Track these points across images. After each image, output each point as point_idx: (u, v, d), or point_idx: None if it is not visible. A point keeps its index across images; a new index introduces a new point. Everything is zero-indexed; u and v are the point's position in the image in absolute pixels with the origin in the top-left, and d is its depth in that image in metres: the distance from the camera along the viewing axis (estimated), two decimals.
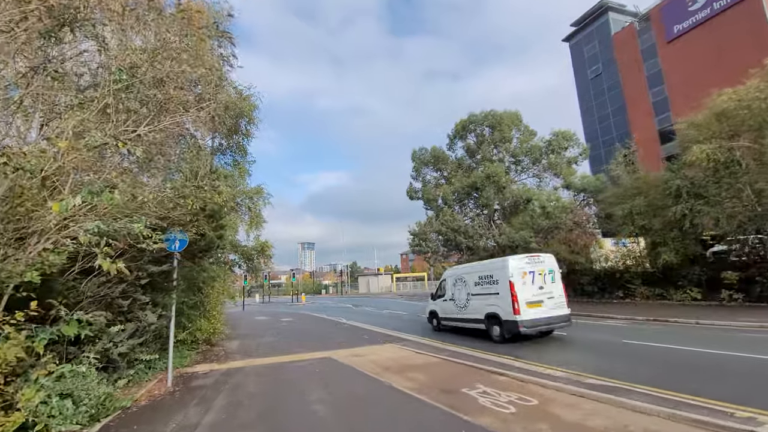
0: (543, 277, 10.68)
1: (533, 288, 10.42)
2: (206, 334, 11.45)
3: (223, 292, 12.40)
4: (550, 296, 10.55)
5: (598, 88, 40.25)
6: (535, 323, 10.05)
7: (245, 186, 13.57)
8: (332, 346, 11.24)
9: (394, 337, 12.86)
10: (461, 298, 12.37)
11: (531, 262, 10.83)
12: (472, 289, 11.88)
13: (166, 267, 6.73)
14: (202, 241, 7.75)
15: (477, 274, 11.90)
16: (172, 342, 7.32)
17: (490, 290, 11.11)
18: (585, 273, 23.61)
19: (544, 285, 10.58)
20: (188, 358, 9.50)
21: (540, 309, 10.23)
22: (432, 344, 11.05)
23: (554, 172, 31.01)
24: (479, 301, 11.53)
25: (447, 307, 13.19)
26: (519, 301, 10.06)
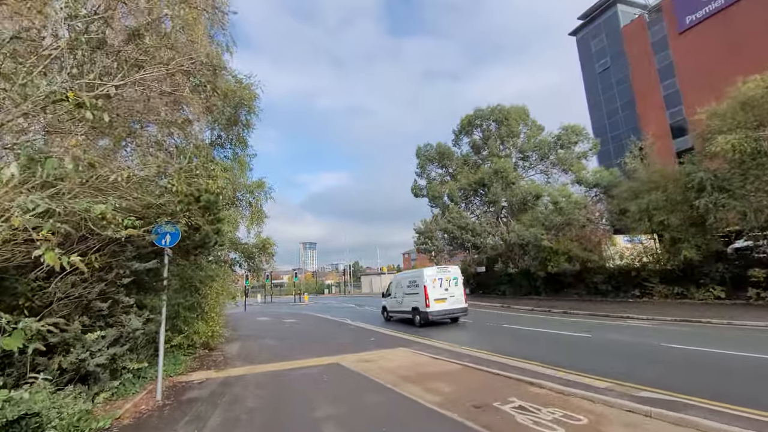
0: (448, 282, 14.95)
1: (440, 290, 14.71)
2: (204, 337, 10.63)
3: (222, 293, 11.58)
4: (452, 295, 14.88)
5: (607, 83, 39.29)
6: (440, 313, 14.53)
7: (246, 180, 12.74)
8: (339, 350, 10.41)
9: (404, 339, 12.02)
10: (399, 296, 16.76)
11: (440, 272, 15.13)
12: (405, 290, 16.24)
13: (152, 264, 5.88)
14: (196, 235, 6.94)
15: (407, 280, 16.29)
16: (162, 349, 6.49)
17: (415, 291, 15.37)
18: (598, 271, 22.74)
19: (448, 288, 14.88)
20: (183, 364, 8.67)
21: (444, 304, 14.62)
22: (448, 348, 10.21)
23: (563, 168, 30.13)
24: (408, 298, 15.79)
25: (391, 303, 17.74)
26: (429, 299, 14.38)
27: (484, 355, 9.09)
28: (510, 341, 11.13)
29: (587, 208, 21.29)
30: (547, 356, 8.53)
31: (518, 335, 12.09)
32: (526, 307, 21.01)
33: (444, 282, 14.84)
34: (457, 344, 10.72)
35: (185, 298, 10.04)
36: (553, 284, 25.38)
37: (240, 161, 12.40)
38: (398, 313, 16.96)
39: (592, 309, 18.22)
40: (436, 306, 14.40)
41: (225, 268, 12.36)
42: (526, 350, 9.39)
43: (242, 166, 12.59)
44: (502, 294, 29.00)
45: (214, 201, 6.90)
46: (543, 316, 17.63)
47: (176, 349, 10.04)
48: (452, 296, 14.83)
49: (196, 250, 7.40)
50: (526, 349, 9.51)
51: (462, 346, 10.32)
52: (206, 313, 10.86)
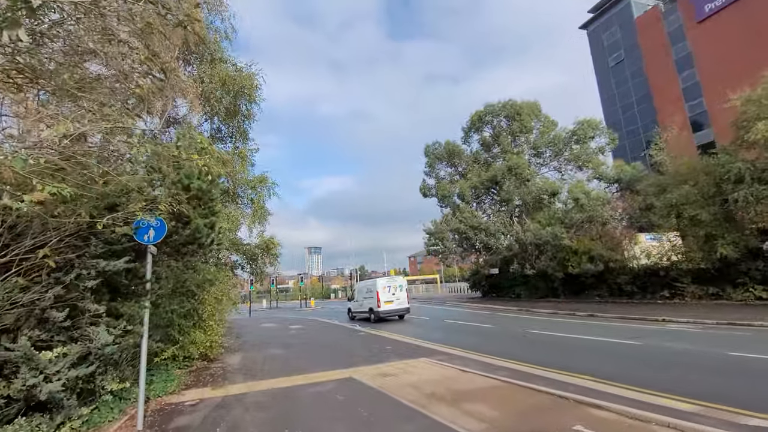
0: (395, 289, 19.22)
1: (389, 294, 18.89)
2: (202, 348, 9.53)
3: (222, 298, 10.48)
4: (398, 299, 19.09)
5: (620, 76, 37.98)
6: (388, 312, 18.78)
7: (247, 175, 11.68)
8: (353, 362, 9.26)
9: (424, 348, 10.83)
10: (360, 300, 20.75)
11: (389, 281, 19.61)
12: (364, 295, 20.32)
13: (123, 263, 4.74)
14: (185, 230, 5.86)
15: (366, 288, 20.51)
16: (145, 366, 5.38)
17: (371, 296, 19.35)
18: (622, 271, 21.41)
19: (395, 293, 19.08)
20: (176, 380, 7.56)
21: (391, 305, 18.83)
22: (476, 358, 9.02)
23: (578, 164, 28.85)
24: (366, 301, 19.79)
25: (355, 305, 21.74)
26: (381, 301, 18.59)
27: (520, 366, 7.90)
28: (544, 350, 9.91)
29: (611, 204, 19.99)
30: (596, 368, 7.32)
31: (551, 343, 10.86)
32: (546, 311, 19.73)
33: (392, 288, 19.28)
34: (485, 354, 9.52)
35: (180, 304, 8.95)
36: (572, 286, 24.06)
37: (241, 154, 11.35)
38: (359, 312, 20.89)
39: (619, 311, 16.94)
40: (385, 306, 18.87)
41: (225, 272, 11.29)
42: (568, 361, 8.18)
43: (243, 161, 11.54)
44: (516, 296, 27.70)
45: (207, 189, 5.84)
46: (568, 320, 16.36)
47: (170, 361, 8.95)
48: (398, 299, 19.22)
49: (186, 248, 6.33)
50: (566, 360, 8.31)
51: (492, 356, 9.12)
52: (204, 321, 9.76)
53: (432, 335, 13.52)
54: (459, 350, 10.27)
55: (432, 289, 55.52)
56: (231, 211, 10.82)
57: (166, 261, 6.82)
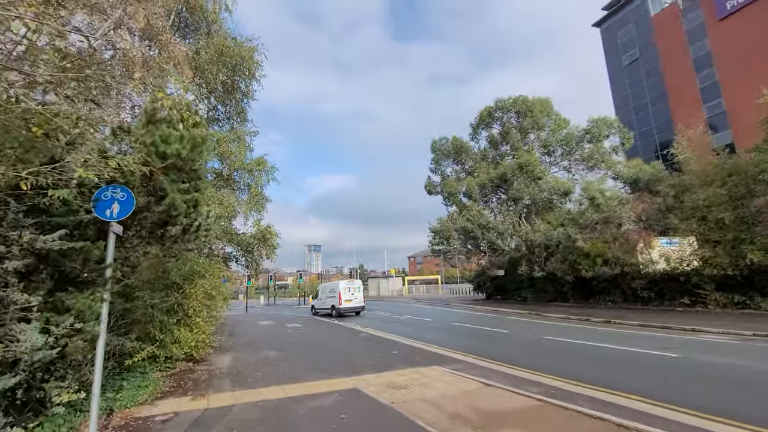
0: (354, 290, 22.72)
1: (348, 294, 22.24)
2: (187, 348, 8.47)
3: (213, 293, 9.40)
4: (356, 298, 22.51)
5: (635, 76, 36.81)
6: (347, 309, 21.82)
7: (244, 158, 10.59)
8: (356, 368, 8.20)
9: (435, 354, 9.76)
10: (323, 298, 23.94)
11: (349, 284, 23.10)
12: (327, 294, 23.68)
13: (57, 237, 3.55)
14: (158, 206, 4.79)
15: (329, 288, 24.18)
16: (99, 375, 4.30)
17: (333, 295, 22.67)
18: (638, 276, 20.32)
19: (354, 293, 22.52)
20: (151, 387, 6.49)
21: (350, 303, 22.03)
22: (497, 369, 7.94)
23: (590, 164, 27.76)
24: (329, 300, 22.95)
25: (318, 303, 24.82)
26: (342, 299, 21.76)
27: (552, 380, 6.82)
28: (570, 360, 8.82)
29: (630, 204, 18.87)
30: (642, 386, 6.25)
31: (576, 352, 9.77)
32: (557, 315, 18.65)
33: (351, 289, 22.82)
34: (504, 363, 8.45)
35: (162, 298, 7.89)
36: (582, 290, 22.97)
37: (237, 135, 10.28)
38: (322, 309, 24.13)
39: (638, 318, 15.88)
40: (345, 304, 22.04)
41: (217, 264, 10.23)
42: (604, 375, 7.11)
43: (240, 143, 10.46)
44: (522, 300, 26.60)
45: (189, 158, 4.78)
46: (584, 326, 15.30)
47: (149, 363, 7.89)
48: (356, 298, 22.68)
49: (164, 231, 5.25)
50: (602, 373, 7.23)
51: (513, 366, 8.05)
52: (191, 318, 8.69)
53: (440, 339, 12.45)
54: (474, 357, 9.20)
55: (433, 290, 54.40)
56: (224, 196, 9.75)
57: (141, 246, 5.75)
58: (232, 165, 10.02)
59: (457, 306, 27.19)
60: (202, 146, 5.00)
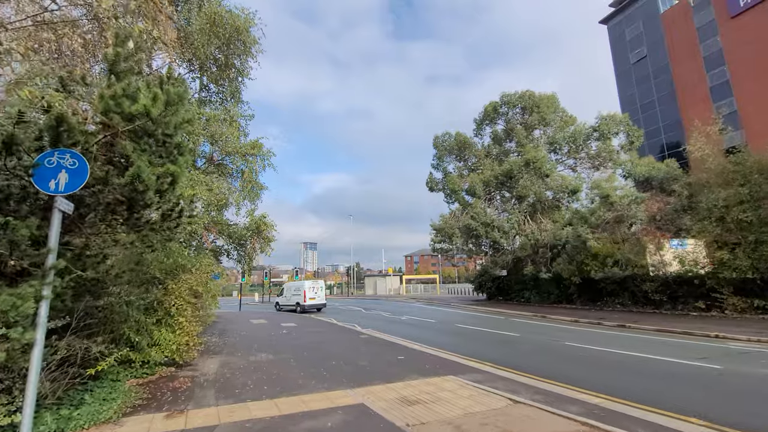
0: (317, 288, 25.59)
1: (312, 292, 25.04)
2: (168, 352, 7.45)
3: (200, 289, 8.37)
4: (319, 296, 25.32)
5: (642, 74, 36.01)
6: (311, 306, 24.64)
7: (237, 141, 9.55)
8: (360, 377, 7.23)
9: (446, 360, 8.81)
10: (289, 296, 26.79)
11: (313, 283, 25.98)
12: (293, 292, 26.48)
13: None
14: (120, 178, 3.79)
15: (294, 287, 26.93)
16: (33, 394, 3.29)
17: (298, 293, 25.52)
18: (648, 278, 19.53)
19: (317, 292, 25.38)
20: (119, 399, 5.47)
21: (314, 300, 24.86)
22: (521, 380, 6.99)
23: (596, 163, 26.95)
24: (294, 297, 25.85)
25: (283, 300, 27.44)
26: (306, 297, 24.57)
27: (590, 397, 5.88)
28: (601, 371, 7.89)
29: (646, 203, 18.00)
30: (700, 406, 5.33)
31: (602, 360, 8.85)
32: (566, 318, 17.80)
33: (315, 288, 25.58)
34: (526, 373, 7.52)
35: (139, 295, 6.88)
36: (589, 292, 22.14)
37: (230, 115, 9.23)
38: (286, 305, 26.76)
39: (653, 323, 15.06)
40: (309, 301, 24.65)
41: (206, 257, 9.20)
42: (646, 390, 6.19)
43: (233, 124, 9.42)
44: (526, 301, 25.75)
45: (162, 119, 3.75)
46: (599, 330, 14.47)
47: (124, 369, 6.88)
48: (318, 297, 25.39)
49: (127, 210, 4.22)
50: (644, 388, 6.31)
51: (541, 378, 7.11)
52: (173, 318, 7.67)
53: (448, 343, 11.50)
54: (491, 366, 8.26)
55: (431, 290, 53.56)
56: (213, 182, 8.72)
57: (108, 232, 4.74)
58: (224, 148, 8.99)
59: (459, 306, 26.29)
60: (179, 106, 3.99)
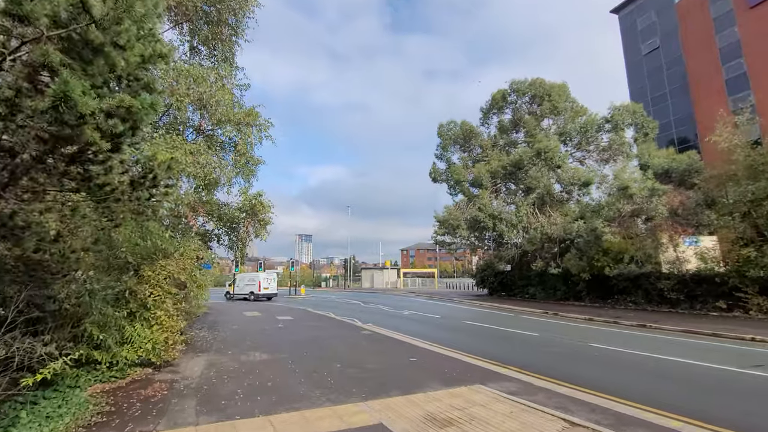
0: (270, 279, 28.33)
1: (266, 283, 27.68)
2: (143, 351, 6.24)
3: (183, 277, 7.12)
4: (272, 286, 28.12)
5: (654, 65, 34.81)
6: (263, 295, 27.42)
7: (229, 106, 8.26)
8: (371, 384, 6.09)
9: (466, 365, 7.68)
10: (242, 286, 28.26)
11: (267, 275, 28.99)
12: (246, 282, 28.35)
13: None
14: (38, 98, 2.60)
15: (248, 278, 28.85)
16: None
17: (252, 283, 27.85)
18: (664, 276, 18.58)
19: (270, 282, 28.00)
20: (70, 414, 4.27)
21: (267, 290, 27.61)
22: (561, 390, 5.87)
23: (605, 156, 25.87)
24: (248, 287, 27.91)
25: (237, 290, 28.36)
26: (261, 287, 27.23)
27: (659, 418, 4.77)
28: (652, 381, 6.79)
29: (668, 195, 16.93)
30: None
31: (643, 367, 7.77)
32: (579, 316, 16.81)
33: (269, 279, 28.14)
34: (569, 383, 6.41)
35: (107, 283, 5.66)
36: (600, 289, 21.20)
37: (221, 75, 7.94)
38: (239, 294, 28.20)
39: (675, 323, 14.12)
40: (263, 291, 27.30)
41: (193, 242, 7.97)
42: (724, 405, 5.10)
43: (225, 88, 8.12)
44: (530, 297, 24.78)
45: (112, 26, 2.55)
46: (618, 329, 13.53)
47: (87, 371, 5.69)
48: (271, 287, 27.92)
49: (62, 161, 3.01)
50: (720, 404, 5.23)
51: (586, 390, 6.00)
52: (149, 311, 6.45)
53: (460, 342, 10.39)
54: (517, 371, 7.16)
55: (429, 284, 52.63)
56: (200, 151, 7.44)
57: (59, 198, 3.49)
58: (214, 114, 7.70)
59: (461, 302, 25.28)
60: (141, 14, 2.77)
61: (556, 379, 6.64)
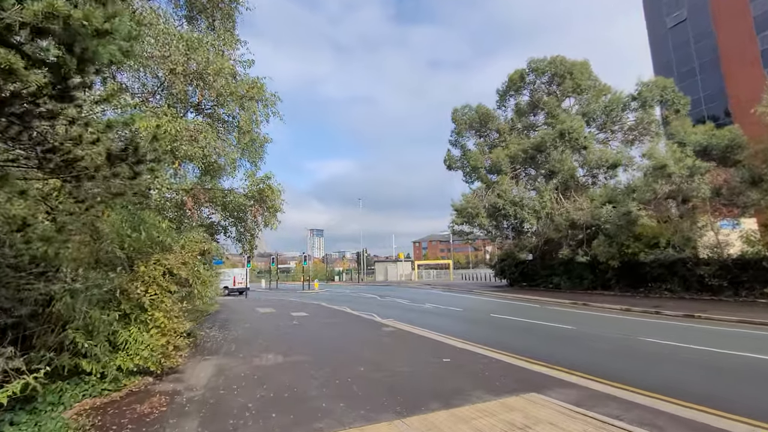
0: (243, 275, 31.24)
1: (239, 278, 31.39)
2: (139, 359, 5.41)
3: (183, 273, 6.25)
4: (244, 281, 30.93)
5: (681, 39, 32.72)
6: (236, 289, 30.92)
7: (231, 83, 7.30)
8: (405, 394, 5.16)
9: (509, 366, 6.69)
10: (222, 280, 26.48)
11: (240, 271, 32.01)
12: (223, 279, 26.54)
13: None
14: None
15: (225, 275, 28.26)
16: None
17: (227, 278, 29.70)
18: (703, 262, 17.24)
19: (243, 277, 31.11)
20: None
21: (241, 284, 30.88)
22: (637, 399, 4.85)
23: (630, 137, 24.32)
24: (223, 282, 27.23)
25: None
26: (236, 282, 31.23)
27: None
28: (740, 383, 5.73)
29: (711, 173, 15.49)
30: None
31: (720, 366, 6.66)
32: (613, 306, 15.63)
33: (242, 275, 30.99)
34: (638, 389, 5.39)
35: (94, 281, 4.82)
36: (629, 277, 19.93)
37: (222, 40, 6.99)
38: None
39: (723, 311, 12.92)
40: (238, 285, 30.47)
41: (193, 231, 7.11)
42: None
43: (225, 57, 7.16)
44: (554, 287, 23.57)
45: None
46: (665, 321, 12.40)
47: (75, 384, 4.88)
48: (244, 282, 30.53)
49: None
50: None
51: (668, 398, 4.97)
52: (147, 312, 5.61)
53: (492, 338, 9.38)
54: (568, 373, 6.16)
55: (443, 276, 51.59)
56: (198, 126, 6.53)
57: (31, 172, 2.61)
58: (212, 87, 6.73)
59: (481, 293, 24.22)
60: None
61: (622, 383, 5.61)
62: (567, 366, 6.65)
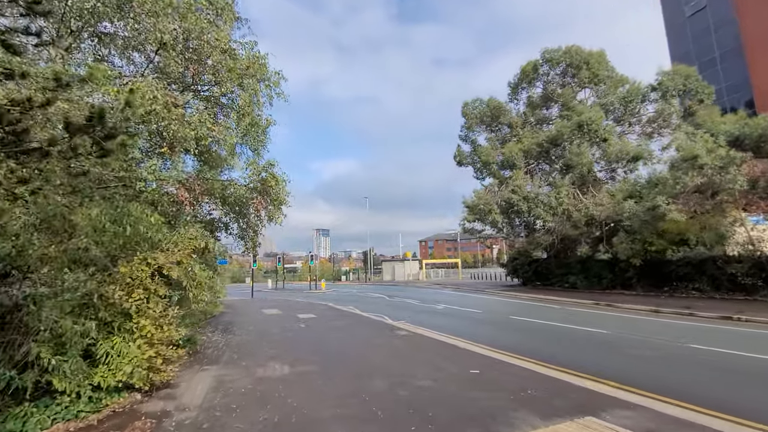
0: None
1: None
2: (121, 375, 4.62)
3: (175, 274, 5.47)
4: None
5: (700, 27, 31.40)
6: None
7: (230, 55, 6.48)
8: (433, 417, 4.32)
9: (547, 378, 5.82)
10: None
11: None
12: None
13: None
14: None
15: None
16: None
17: None
18: (734, 260, 16.20)
19: None
20: None
21: None
22: (720, 427, 3.97)
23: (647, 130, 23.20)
24: None
25: None
26: None
27: None
28: None
29: (747, 164, 14.40)
30: None
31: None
32: (638, 307, 14.65)
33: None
34: (709, 410, 4.50)
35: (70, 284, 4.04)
36: (652, 276, 18.92)
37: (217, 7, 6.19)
38: None
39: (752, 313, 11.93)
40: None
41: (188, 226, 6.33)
42: None
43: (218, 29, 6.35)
44: (571, 286, 22.53)
45: None
46: (701, 324, 11.45)
47: (47, 404, 4.11)
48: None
49: None
50: None
51: (755, 424, 4.08)
52: (134, 322, 4.82)
53: (521, 345, 8.49)
54: (627, 390, 5.26)
55: (452, 275, 50.61)
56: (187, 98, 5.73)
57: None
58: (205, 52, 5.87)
59: (494, 293, 23.28)
60: None
61: (693, 403, 4.72)
62: (616, 379, 5.77)
